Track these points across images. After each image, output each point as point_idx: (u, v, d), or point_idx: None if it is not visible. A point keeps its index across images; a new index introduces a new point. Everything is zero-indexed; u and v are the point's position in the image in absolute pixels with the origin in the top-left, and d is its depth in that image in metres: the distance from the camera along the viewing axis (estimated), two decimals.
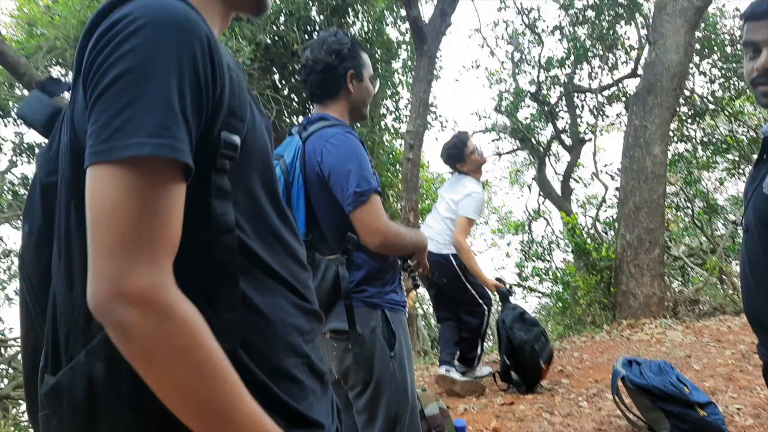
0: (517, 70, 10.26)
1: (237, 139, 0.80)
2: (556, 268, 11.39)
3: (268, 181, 0.91)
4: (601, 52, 9.14)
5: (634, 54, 9.39)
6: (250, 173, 0.87)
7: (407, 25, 7.14)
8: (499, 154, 10.94)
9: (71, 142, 0.78)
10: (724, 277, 10.15)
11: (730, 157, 10.26)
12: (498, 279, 4.26)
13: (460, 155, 4.21)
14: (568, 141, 10.07)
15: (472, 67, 10.54)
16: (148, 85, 0.69)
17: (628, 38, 9.21)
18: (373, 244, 1.84)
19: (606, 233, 7.75)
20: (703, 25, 8.00)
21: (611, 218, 7.83)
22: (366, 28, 7.62)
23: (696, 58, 8.50)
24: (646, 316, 6.04)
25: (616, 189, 8.64)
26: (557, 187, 10.35)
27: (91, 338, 0.74)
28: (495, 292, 4.30)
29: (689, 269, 10.69)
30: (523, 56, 10.26)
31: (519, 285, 10.32)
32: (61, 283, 0.78)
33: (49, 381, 0.76)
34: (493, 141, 10.56)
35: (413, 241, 1.98)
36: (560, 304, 9.64)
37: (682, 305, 7.08)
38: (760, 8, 1.35)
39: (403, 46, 8.15)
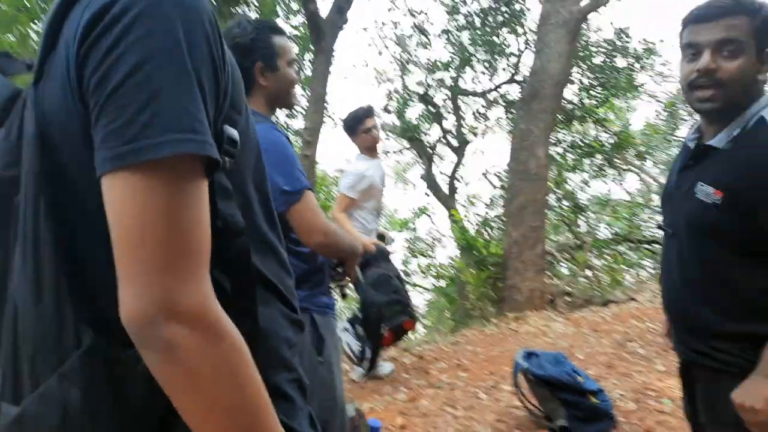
0: (405, 71, 10.48)
1: (237, 133, 0.72)
2: (440, 264, 11.80)
3: (260, 181, 0.84)
4: (484, 57, 9.56)
5: (514, 60, 9.93)
6: (244, 172, 0.80)
7: (299, 19, 7.03)
8: (386, 152, 11.11)
9: (38, 134, 0.66)
10: (589, 271, 11.06)
11: (594, 159, 11.19)
12: (380, 236, 4.19)
13: (353, 129, 4.13)
14: (454, 142, 10.44)
15: (362, 65, 10.65)
16: (171, 73, 0.60)
17: (509, 45, 9.70)
18: (313, 242, 1.77)
19: (493, 231, 8.15)
20: None
21: (498, 217, 8.25)
22: None
23: None
24: (530, 309, 6.41)
25: (502, 189, 9.14)
26: (443, 185, 10.70)
27: (63, 359, 0.63)
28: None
29: (557, 263, 11.52)
30: (411, 57, 10.48)
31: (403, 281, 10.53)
32: (26, 293, 0.65)
33: (10, 411, 0.64)
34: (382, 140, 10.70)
35: (350, 244, 1.92)
36: (444, 300, 10.00)
37: (558, 297, 7.60)
38: (705, 11, 1.40)
39: (296, 41, 8.01)
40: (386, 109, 10.58)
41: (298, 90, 2.06)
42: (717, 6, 1.38)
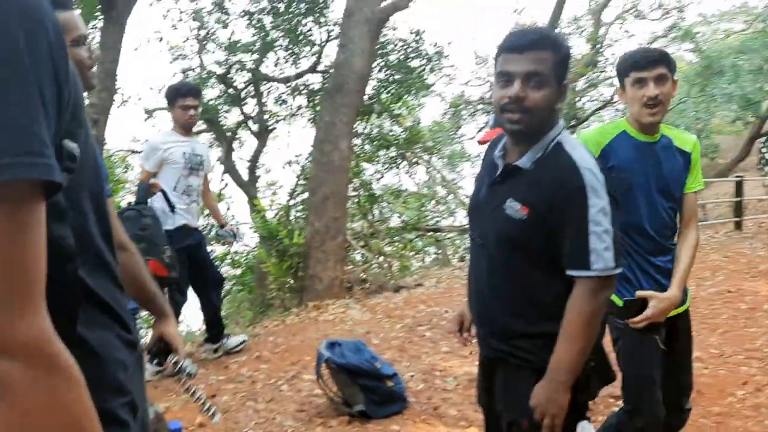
0: (202, 49, 10.01)
1: (77, 148, 0.68)
2: (235, 252, 11.57)
3: (97, 192, 0.80)
4: (287, 44, 9.54)
5: (316, 50, 10.05)
6: (82, 186, 0.76)
7: None
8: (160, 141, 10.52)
9: None
10: (382, 258, 11.74)
11: (388, 152, 11.86)
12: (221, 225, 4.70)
13: (171, 100, 4.13)
14: (255, 127, 10.27)
15: (156, 39, 9.92)
16: (9, 86, 0.55)
17: (312, 35, 9.80)
18: None
19: (296, 220, 8.19)
20: None
21: (301, 206, 8.32)
22: None
23: None
24: (330, 297, 6.61)
25: (305, 179, 9.22)
26: (243, 173, 10.48)
27: None
28: None
29: (352, 250, 12.03)
30: (209, 35, 10.04)
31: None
32: None
33: None
34: None
35: None
36: (242, 288, 9.85)
37: (356, 285, 7.95)
38: (518, 42, 1.56)
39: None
40: None
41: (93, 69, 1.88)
42: (527, 39, 1.56)
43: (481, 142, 3.52)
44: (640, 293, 2.09)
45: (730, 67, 25.10)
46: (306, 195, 7.58)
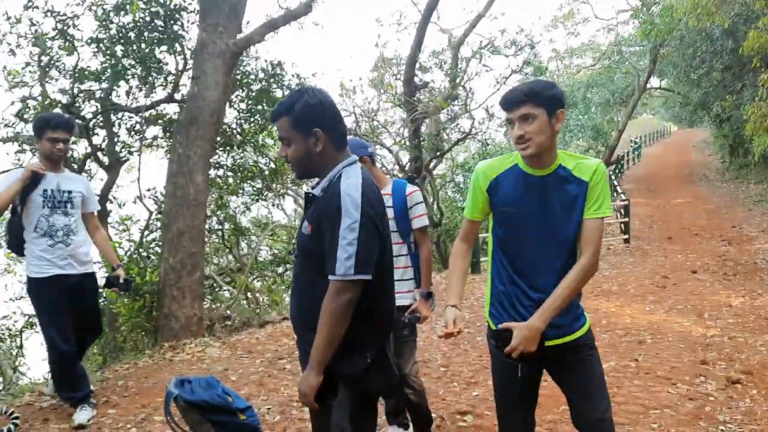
0: (45, 76, 9.57)
1: None
2: None
3: None
4: (140, 73, 9.40)
5: (171, 79, 9.98)
6: None
7: None
8: (22, 168, 9.93)
9: None
10: (249, 293, 11.70)
11: (253, 183, 11.93)
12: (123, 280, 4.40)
13: (37, 132, 3.99)
14: (105, 160, 9.93)
15: None
16: None
17: (167, 64, 9.74)
18: None
19: (149, 257, 8.00)
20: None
21: (155, 242, 8.13)
22: None
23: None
24: (187, 336, 6.56)
25: (159, 213, 9.04)
26: None
27: None
28: None
29: (218, 287, 11.88)
30: (53, 62, 9.63)
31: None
32: None
33: None
34: (16, 153, 9.52)
35: None
36: None
37: (217, 322, 7.92)
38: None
39: None
40: (21, 117, 9.50)
41: None
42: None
43: None
44: (502, 325, 2.23)
45: (582, 100, 27.93)
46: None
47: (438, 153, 15.34)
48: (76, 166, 9.75)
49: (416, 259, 3.42)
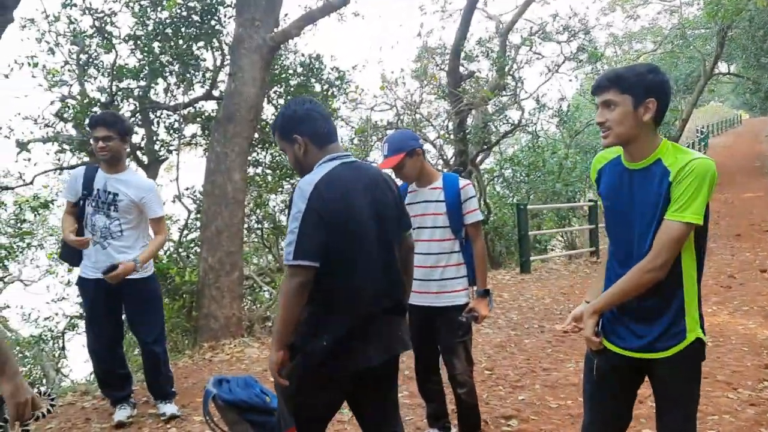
0: (84, 75, 9.99)
1: None
2: None
3: None
4: (177, 70, 9.71)
5: (209, 75, 10.28)
6: None
7: None
8: (62, 169, 10.38)
9: None
10: None
11: (294, 181, 12.14)
12: (112, 267, 4.06)
13: (89, 133, 4.35)
14: (144, 158, 10.30)
15: (28, 65, 9.77)
16: None
17: (205, 60, 10.04)
18: None
19: (188, 257, 8.30)
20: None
21: (195, 241, 8.41)
22: None
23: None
24: (227, 336, 6.79)
25: (198, 212, 9.33)
26: None
27: None
28: None
29: (257, 288, 12.15)
30: (91, 60, 10.04)
31: (79, 316, 10.00)
32: None
33: None
34: (56, 153, 9.98)
35: None
36: None
37: (257, 323, 8.15)
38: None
39: None
40: (61, 117, 9.93)
41: None
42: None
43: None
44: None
45: None
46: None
47: (485, 146, 15.30)
48: None
49: (468, 256, 3.48)
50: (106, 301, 4.21)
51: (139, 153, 10.41)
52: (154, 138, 10.43)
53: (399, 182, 3.27)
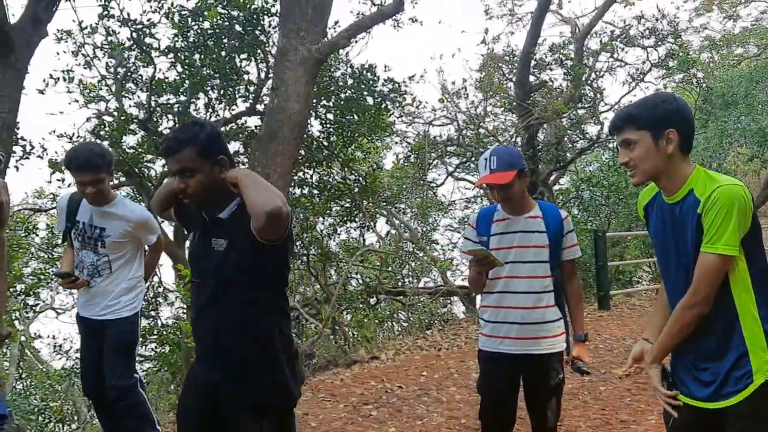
0: (122, 90, 10.44)
1: None
2: (163, 325, 11.75)
3: None
4: (219, 83, 10.05)
5: (252, 89, 10.59)
6: None
7: None
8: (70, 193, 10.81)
9: None
10: (336, 327, 12.01)
11: (341, 203, 12.30)
12: None
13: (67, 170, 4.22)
14: None
15: (64, 79, 10.30)
16: None
17: (248, 73, 10.36)
18: None
19: None
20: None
21: None
22: None
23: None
24: None
25: None
26: (169, 231, 10.78)
27: None
28: None
29: (302, 320, 12.28)
30: (129, 74, 10.50)
31: None
32: None
33: None
34: None
35: None
36: (167, 369, 10.00)
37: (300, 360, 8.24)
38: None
39: None
40: (97, 135, 10.38)
41: None
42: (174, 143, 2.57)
43: (479, 185, 3.70)
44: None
45: (743, 98, 26.41)
46: None
47: (558, 165, 15.17)
48: (151, 185, 10.50)
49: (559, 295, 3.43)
50: (92, 340, 4.25)
51: None
52: None
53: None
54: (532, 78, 14.57)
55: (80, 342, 4.44)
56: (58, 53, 10.88)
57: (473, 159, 14.37)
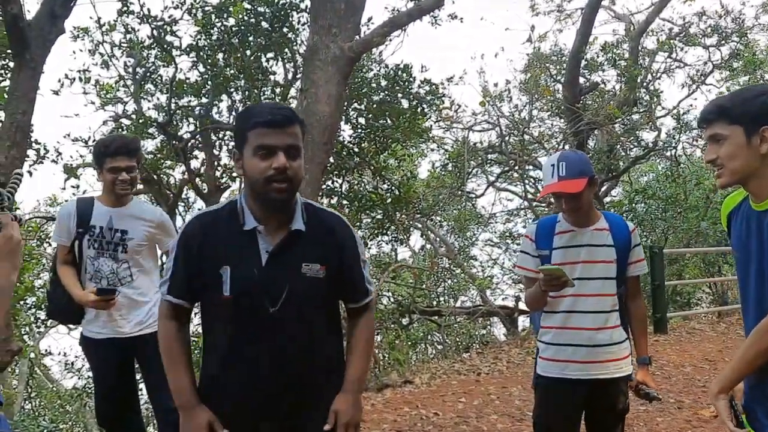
0: (141, 91, 10.60)
1: None
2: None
3: None
4: (244, 85, 10.16)
5: (279, 91, 10.69)
6: None
7: None
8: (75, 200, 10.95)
9: None
10: None
11: (372, 214, 12.29)
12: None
13: (97, 161, 4.04)
14: (203, 186, 10.75)
15: (80, 80, 10.49)
16: None
17: (275, 73, 10.46)
18: None
19: None
20: None
21: None
22: None
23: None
24: None
25: None
26: None
27: None
28: None
29: None
30: (148, 74, 10.67)
31: None
32: None
33: None
34: None
35: None
36: None
37: None
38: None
39: None
40: None
41: None
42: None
43: (546, 194, 3.56)
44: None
45: None
46: None
47: (611, 174, 15.02)
48: (171, 194, 10.64)
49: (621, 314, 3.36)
50: (117, 361, 4.12)
51: (198, 180, 10.89)
52: (215, 163, 10.87)
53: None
54: (582, 80, 14.50)
55: (95, 366, 4.27)
56: (74, 52, 11.08)
57: (516, 168, 14.32)
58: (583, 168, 3.13)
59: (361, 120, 11.08)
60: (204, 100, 10.33)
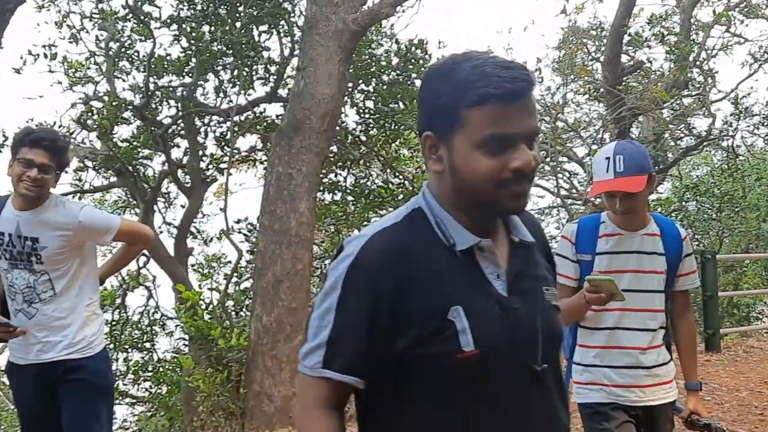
0: (114, 70, 10.61)
1: None
2: (159, 360, 11.89)
3: None
4: (233, 63, 10.15)
5: (273, 69, 10.68)
6: None
7: None
8: (83, 192, 11.02)
9: None
10: None
11: (381, 211, 12.26)
12: None
13: (14, 147, 3.80)
14: (186, 179, 10.75)
15: (45, 56, 10.49)
16: None
17: (269, 49, 10.45)
18: None
19: (237, 314, 8.53)
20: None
21: (246, 293, 8.63)
22: None
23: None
24: (284, 423, 6.93)
25: (250, 253, 9.63)
26: (169, 244, 10.90)
27: None
28: None
29: None
30: (123, 50, 10.66)
31: None
32: None
33: None
34: (75, 171, 10.62)
35: None
36: (164, 414, 10.13)
37: None
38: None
39: None
40: (83, 124, 10.51)
41: None
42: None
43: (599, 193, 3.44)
44: None
45: None
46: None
47: (658, 167, 14.97)
48: (148, 188, 10.63)
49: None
50: (38, 394, 3.91)
51: (180, 172, 10.87)
52: (200, 152, 10.85)
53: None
54: (625, 58, 14.43)
55: (17, 399, 4.13)
56: (38, 24, 11.11)
57: (548, 159, 14.29)
58: (643, 163, 3.08)
59: (369, 104, 11.01)
60: (187, 79, 10.34)
